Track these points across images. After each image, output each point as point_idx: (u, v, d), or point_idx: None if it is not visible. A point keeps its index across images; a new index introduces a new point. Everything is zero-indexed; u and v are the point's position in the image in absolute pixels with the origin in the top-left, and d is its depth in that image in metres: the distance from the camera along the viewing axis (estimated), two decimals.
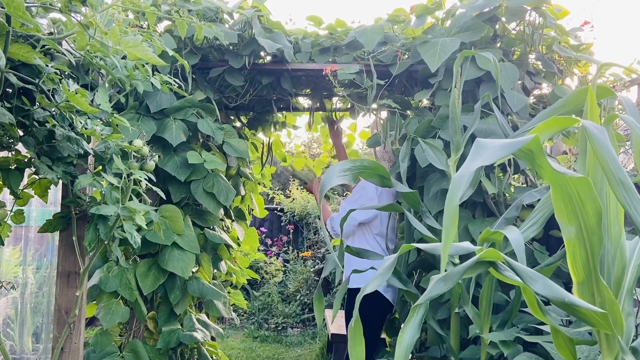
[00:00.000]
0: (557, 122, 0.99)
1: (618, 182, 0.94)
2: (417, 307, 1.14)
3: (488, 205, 2.18)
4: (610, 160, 0.93)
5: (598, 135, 0.95)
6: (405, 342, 1.11)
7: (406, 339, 1.12)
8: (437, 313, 2.08)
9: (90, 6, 1.34)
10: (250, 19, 2.36)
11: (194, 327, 2.36)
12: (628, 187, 0.94)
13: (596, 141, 0.95)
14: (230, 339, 5.17)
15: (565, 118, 0.99)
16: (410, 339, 1.12)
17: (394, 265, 1.33)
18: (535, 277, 1.03)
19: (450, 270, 1.14)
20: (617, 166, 0.93)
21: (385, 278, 1.30)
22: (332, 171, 1.74)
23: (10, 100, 1.36)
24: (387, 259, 1.36)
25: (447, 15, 2.42)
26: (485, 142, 0.95)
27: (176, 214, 2.20)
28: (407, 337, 1.12)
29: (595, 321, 1.03)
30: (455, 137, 1.90)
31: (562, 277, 2.00)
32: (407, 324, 1.13)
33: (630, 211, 0.94)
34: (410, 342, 1.12)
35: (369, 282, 1.31)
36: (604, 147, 0.94)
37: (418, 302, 1.12)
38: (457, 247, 1.26)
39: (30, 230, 3.07)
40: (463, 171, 0.91)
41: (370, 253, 2.18)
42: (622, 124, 2.30)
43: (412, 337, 1.12)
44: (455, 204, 0.90)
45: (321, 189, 1.70)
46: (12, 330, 2.96)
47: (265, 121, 3.33)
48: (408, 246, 1.26)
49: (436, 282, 1.13)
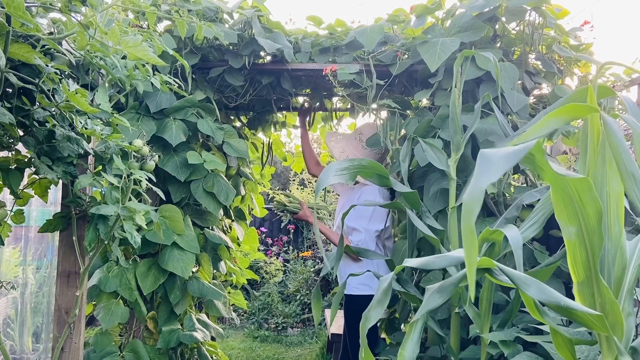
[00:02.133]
0: (572, 109, 0.96)
1: (630, 176, 0.93)
2: (414, 322, 1.14)
3: (488, 205, 2.18)
4: (623, 152, 0.93)
5: (615, 127, 0.95)
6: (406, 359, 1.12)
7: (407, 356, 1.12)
8: (437, 313, 2.08)
9: (90, 6, 1.34)
10: (250, 19, 2.36)
11: (194, 327, 2.36)
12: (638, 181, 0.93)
13: (612, 132, 0.94)
14: (230, 339, 5.17)
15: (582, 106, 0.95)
16: (411, 355, 1.12)
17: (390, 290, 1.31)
18: (529, 282, 1.03)
19: (444, 282, 1.14)
20: (629, 159, 0.93)
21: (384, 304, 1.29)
22: (329, 170, 1.71)
23: (10, 100, 1.36)
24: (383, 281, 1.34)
25: (447, 15, 2.42)
26: (489, 156, 0.92)
27: (176, 214, 2.20)
28: (407, 354, 1.12)
29: (592, 324, 1.03)
30: (456, 136, 1.90)
31: (562, 277, 2.00)
32: (407, 340, 1.13)
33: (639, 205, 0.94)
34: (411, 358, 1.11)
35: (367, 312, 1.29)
36: (619, 140, 0.94)
37: (415, 317, 1.12)
38: (451, 257, 1.25)
39: (30, 230, 3.07)
40: (471, 193, 0.86)
41: (371, 253, 2.18)
42: (623, 123, 2.30)
43: (413, 352, 1.12)
44: (472, 228, 0.85)
45: (317, 187, 1.68)
46: (12, 330, 2.96)
47: (265, 121, 3.34)
48: (400, 267, 1.25)
49: (431, 295, 1.13)
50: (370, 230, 2.47)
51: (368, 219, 2.49)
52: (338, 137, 2.79)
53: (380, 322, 2.77)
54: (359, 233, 2.48)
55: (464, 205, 0.87)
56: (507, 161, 0.90)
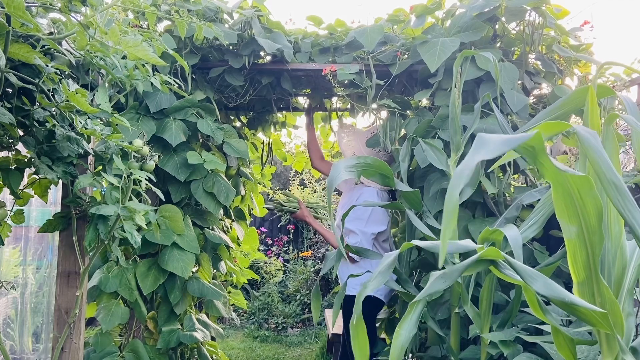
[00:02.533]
0: (550, 127, 0.98)
1: (611, 185, 0.93)
2: (415, 303, 1.13)
3: (488, 205, 2.19)
4: (603, 164, 0.93)
5: (590, 140, 0.95)
6: (402, 338, 1.11)
7: (403, 335, 1.11)
8: (437, 313, 2.08)
9: (90, 6, 1.34)
10: (250, 19, 2.36)
11: (194, 327, 2.36)
12: (621, 190, 0.94)
13: (588, 145, 0.95)
14: (230, 339, 5.17)
15: (558, 123, 0.98)
16: (407, 334, 1.11)
17: (394, 264, 1.31)
18: (535, 276, 1.03)
19: (450, 268, 1.14)
20: (609, 169, 0.93)
21: (385, 277, 1.29)
22: (339, 167, 1.73)
23: (10, 100, 1.36)
24: (387, 256, 1.34)
25: (447, 15, 2.42)
26: (487, 137, 0.93)
27: (176, 214, 2.20)
28: (404, 333, 1.12)
29: (595, 321, 1.03)
30: (456, 137, 1.90)
31: (562, 277, 2.00)
32: (405, 319, 1.13)
33: (624, 213, 0.94)
34: (407, 338, 1.11)
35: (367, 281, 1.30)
36: (597, 151, 0.94)
37: (417, 298, 1.12)
38: (457, 245, 1.25)
39: (30, 230, 3.07)
40: (464, 165, 0.88)
41: (370, 252, 2.18)
42: (622, 123, 2.30)
43: (409, 332, 1.11)
44: (456, 198, 0.87)
45: (329, 185, 1.68)
46: (12, 330, 2.96)
47: (265, 121, 3.34)
48: (408, 244, 1.25)
49: (436, 279, 1.13)
50: (366, 232, 2.46)
51: (365, 221, 2.48)
52: (349, 132, 2.75)
53: (380, 322, 2.77)
54: (355, 235, 2.47)
55: (453, 175, 0.89)
56: (504, 145, 0.90)
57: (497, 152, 0.89)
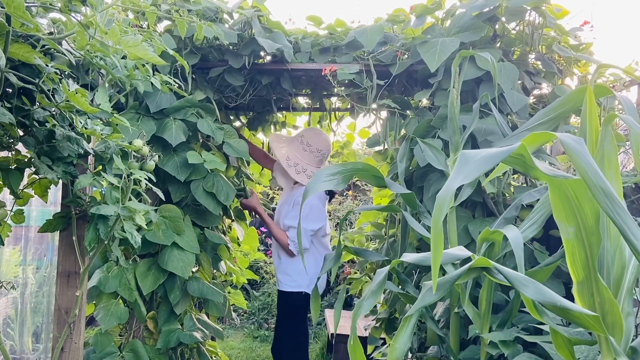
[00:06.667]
0: (535, 138, 1.01)
1: (599, 190, 0.94)
2: (408, 317, 1.15)
3: (487, 205, 2.19)
4: (590, 170, 0.94)
5: (575, 146, 0.96)
6: (397, 352, 1.14)
7: (398, 349, 1.14)
8: (437, 313, 2.08)
9: (90, 6, 1.34)
10: (250, 18, 2.36)
11: (194, 327, 2.36)
12: (609, 195, 0.94)
13: (574, 152, 0.95)
14: (230, 339, 5.17)
15: (543, 133, 1.01)
16: (402, 347, 1.14)
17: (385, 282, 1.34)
18: (526, 283, 1.04)
19: (442, 279, 1.15)
20: (596, 174, 0.93)
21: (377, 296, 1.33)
22: (319, 176, 1.68)
23: (10, 100, 1.36)
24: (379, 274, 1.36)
25: (447, 15, 2.42)
26: (469, 157, 0.96)
27: (176, 213, 2.20)
28: (398, 347, 1.14)
29: (588, 324, 1.03)
30: (454, 136, 1.90)
31: (562, 277, 2.00)
32: (399, 334, 1.15)
33: (614, 217, 0.94)
34: (402, 352, 1.14)
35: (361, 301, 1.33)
36: (582, 157, 0.95)
37: (409, 312, 1.13)
38: (449, 254, 1.26)
39: (30, 230, 3.07)
40: (445, 191, 0.92)
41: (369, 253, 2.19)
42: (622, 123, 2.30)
43: (404, 345, 1.14)
44: (440, 226, 0.93)
45: (304, 194, 1.66)
46: (12, 330, 2.96)
47: (265, 121, 3.34)
48: (397, 261, 1.27)
49: (427, 291, 1.14)
50: (305, 229, 2.64)
51: (304, 218, 2.58)
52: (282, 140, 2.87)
53: (380, 322, 2.77)
54: (294, 230, 2.65)
55: (435, 203, 0.93)
56: (485, 163, 0.93)
57: (476, 173, 0.93)
